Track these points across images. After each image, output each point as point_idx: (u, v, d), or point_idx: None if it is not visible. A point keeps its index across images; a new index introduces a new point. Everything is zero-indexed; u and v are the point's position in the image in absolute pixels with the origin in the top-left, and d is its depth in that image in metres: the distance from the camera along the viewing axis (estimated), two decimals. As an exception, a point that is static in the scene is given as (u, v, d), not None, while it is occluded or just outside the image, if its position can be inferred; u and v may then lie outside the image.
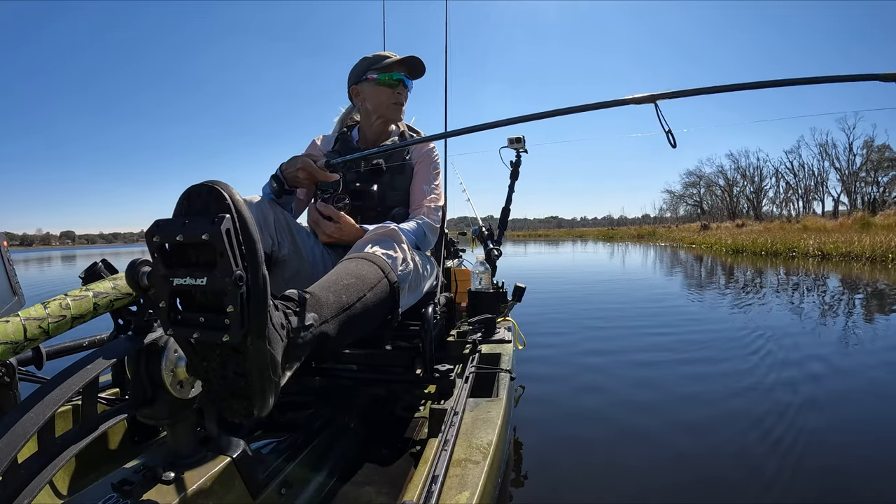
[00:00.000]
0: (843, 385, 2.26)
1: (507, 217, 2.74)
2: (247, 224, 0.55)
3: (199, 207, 0.56)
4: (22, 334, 0.53)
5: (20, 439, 0.50)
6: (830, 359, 2.63)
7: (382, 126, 1.43)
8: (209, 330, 0.55)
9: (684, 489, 1.35)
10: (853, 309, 4.41)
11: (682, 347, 2.99)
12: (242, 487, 0.77)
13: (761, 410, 1.89)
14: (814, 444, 1.59)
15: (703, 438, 1.67)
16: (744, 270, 8.33)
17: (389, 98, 1.38)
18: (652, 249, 15.96)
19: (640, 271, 8.96)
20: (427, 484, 0.78)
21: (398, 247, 1.04)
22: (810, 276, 7.11)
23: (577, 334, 3.43)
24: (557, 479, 1.41)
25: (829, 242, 10.76)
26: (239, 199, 0.56)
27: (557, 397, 2.12)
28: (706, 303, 4.92)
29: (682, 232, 24.68)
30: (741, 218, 30.80)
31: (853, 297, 5.13)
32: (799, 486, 1.33)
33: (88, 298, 0.61)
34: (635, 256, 13.03)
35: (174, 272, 0.56)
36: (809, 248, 10.88)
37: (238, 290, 0.53)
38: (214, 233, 0.52)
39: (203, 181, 0.57)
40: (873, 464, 1.49)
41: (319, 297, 0.77)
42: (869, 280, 6.52)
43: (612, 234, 33.80)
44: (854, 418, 1.88)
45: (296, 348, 0.68)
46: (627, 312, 4.41)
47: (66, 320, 0.58)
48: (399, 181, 1.41)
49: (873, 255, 8.84)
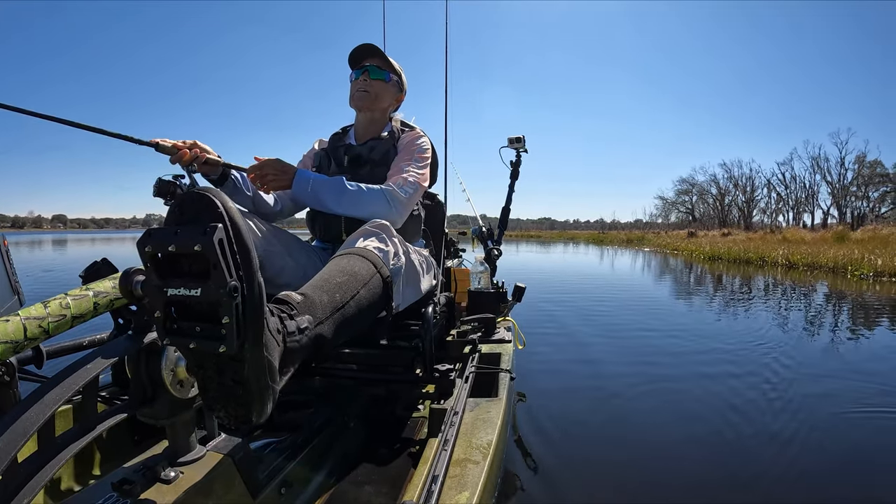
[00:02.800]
0: (719, 352, 3.00)
1: (507, 217, 2.74)
2: (241, 232, 0.54)
3: (191, 216, 0.55)
4: (22, 333, 0.53)
5: (20, 438, 0.50)
6: (719, 336, 3.45)
7: (365, 118, 1.44)
8: (205, 340, 0.55)
9: (684, 489, 1.35)
10: (775, 307, 4.95)
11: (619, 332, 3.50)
12: (242, 487, 0.77)
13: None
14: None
15: (703, 438, 1.67)
16: (712, 274, 9.29)
17: (354, 87, 1.40)
18: (636, 254, 16.72)
19: (618, 273, 9.77)
20: (427, 484, 0.78)
21: (389, 240, 1.03)
22: (765, 281, 7.92)
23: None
24: (557, 479, 1.41)
25: (797, 253, 11.48)
26: (232, 207, 0.55)
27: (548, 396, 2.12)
28: (663, 297, 5.60)
29: (669, 238, 25.22)
30: (731, 227, 31.34)
31: (785, 299, 5.72)
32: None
33: (88, 298, 0.61)
34: (618, 259, 13.71)
35: (168, 283, 0.55)
36: (778, 258, 11.57)
37: (233, 301, 0.52)
38: (207, 243, 0.51)
39: (195, 189, 0.56)
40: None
41: (313, 298, 0.76)
42: (811, 283, 7.48)
43: (602, 238, 34.22)
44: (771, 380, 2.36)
45: (293, 353, 0.67)
46: (579, 303, 4.86)
47: (66, 320, 0.58)
48: (381, 171, 1.39)
49: (835, 266, 9.69)
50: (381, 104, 1.42)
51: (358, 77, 1.39)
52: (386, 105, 1.44)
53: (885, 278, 7.96)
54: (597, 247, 22.60)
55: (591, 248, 20.83)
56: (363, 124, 1.45)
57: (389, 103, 1.45)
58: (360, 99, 1.38)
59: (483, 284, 2.50)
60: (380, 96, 1.40)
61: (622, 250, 19.15)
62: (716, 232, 27.81)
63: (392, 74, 1.42)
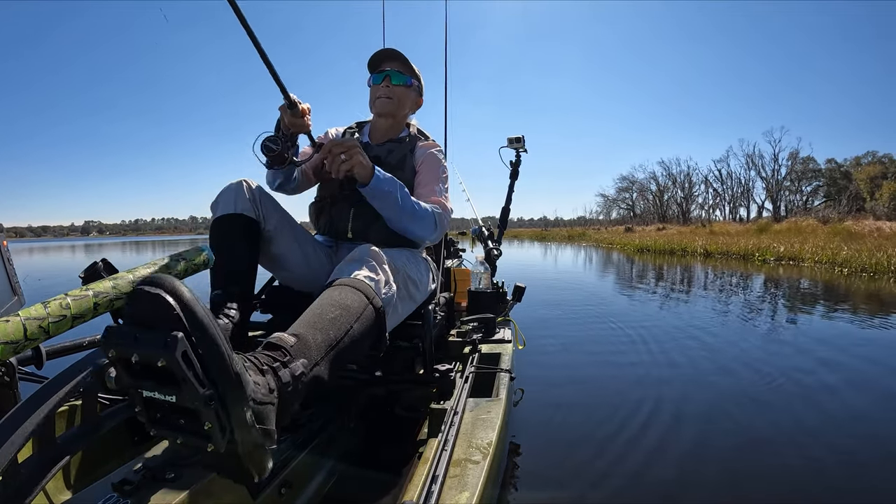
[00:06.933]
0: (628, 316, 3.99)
1: (506, 217, 2.75)
2: (205, 332, 0.51)
3: (148, 315, 0.51)
4: (22, 334, 0.53)
5: (20, 439, 0.50)
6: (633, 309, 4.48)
7: (385, 122, 1.41)
8: (192, 436, 0.53)
9: (685, 488, 1.35)
10: (678, 281, 6.49)
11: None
12: (242, 487, 0.77)
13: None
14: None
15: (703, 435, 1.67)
16: (629, 263, 10.82)
17: (375, 93, 1.37)
18: (575, 249, 17.89)
19: (550, 263, 11.27)
20: (427, 484, 0.78)
21: (380, 268, 0.99)
22: (680, 266, 9.50)
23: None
24: (557, 479, 1.41)
25: (713, 243, 13.27)
26: (189, 299, 0.51)
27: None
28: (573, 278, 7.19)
29: (608, 234, 26.43)
30: (670, 222, 32.49)
31: (687, 278, 7.34)
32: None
33: (88, 298, 0.61)
34: (558, 253, 14.97)
35: (141, 384, 0.53)
36: (697, 248, 13.20)
37: (210, 409, 0.50)
38: (171, 359, 0.48)
39: (148, 278, 0.52)
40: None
41: (307, 339, 0.73)
42: (719, 267, 9.09)
43: (545, 235, 35.40)
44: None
45: (289, 401, 0.65)
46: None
47: (66, 320, 0.58)
48: (400, 176, 1.40)
49: (745, 253, 11.27)
50: (403, 110, 1.41)
51: (379, 82, 1.36)
52: (406, 110, 1.42)
53: (784, 262, 9.83)
54: (540, 244, 23.58)
55: (535, 245, 21.75)
56: (382, 128, 1.42)
57: (409, 108, 1.43)
58: (383, 106, 1.36)
59: (483, 284, 2.50)
60: (402, 102, 1.38)
61: (563, 246, 20.22)
62: (652, 227, 28.72)
63: (413, 79, 1.40)
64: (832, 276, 7.32)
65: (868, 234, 12.56)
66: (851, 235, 12.47)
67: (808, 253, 9.75)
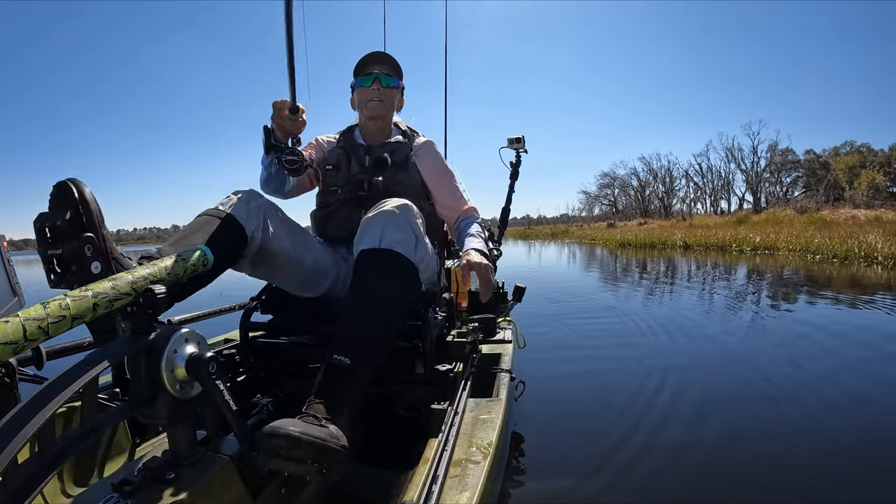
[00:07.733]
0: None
1: (507, 217, 2.75)
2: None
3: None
4: (22, 334, 0.53)
5: (20, 439, 0.50)
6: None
7: (375, 125, 1.42)
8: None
9: (685, 488, 1.35)
10: (656, 271, 7.35)
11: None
12: (242, 487, 0.77)
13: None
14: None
15: (702, 435, 1.67)
16: (611, 257, 11.40)
17: (366, 95, 1.37)
18: (558, 246, 18.38)
19: (535, 259, 11.97)
20: (427, 484, 0.78)
21: (412, 226, 1.02)
22: (661, 259, 10.12)
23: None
24: (557, 479, 1.41)
25: (692, 236, 13.78)
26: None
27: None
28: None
29: (591, 230, 26.80)
30: (652, 217, 32.94)
31: (665, 266, 8.14)
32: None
33: (88, 298, 0.61)
34: (541, 250, 15.65)
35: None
36: (676, 241, 13.67)
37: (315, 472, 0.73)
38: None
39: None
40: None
41: (359, 357, 0.87)
42: (697, 258, 9.79)
43: (528, 233, 36.05)
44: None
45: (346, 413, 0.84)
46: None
47: (65, 320, 0.58)
48: (403, 175, 1.40)
49: (723, 245, 11.81)
50: (392, 111, 1.44)
51: (368, 85, 1.36)
52: (394, 111, 1.45)
53: (760, 251, 10.26)
54: (524, 241, 24.22)
55: (518, 243, 22.18)
56: (372, 130, 1.43)
57: (396, 108, 1.46)
58: (375, 109, 1.37)
59: (483, 284, 2.50)
60: (392, 104, 1.41)
61: (546, 243, 20.72)
62: (634, 222, 29.01)
63: (399, 80, 1.42)
64: (805, 262, 7.93)
65: (843, 222, 13.03)
66: (826, 224, 13.02)
67: (782, 242, 10.21)
